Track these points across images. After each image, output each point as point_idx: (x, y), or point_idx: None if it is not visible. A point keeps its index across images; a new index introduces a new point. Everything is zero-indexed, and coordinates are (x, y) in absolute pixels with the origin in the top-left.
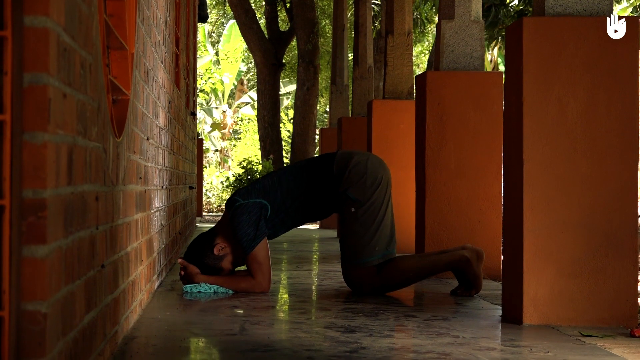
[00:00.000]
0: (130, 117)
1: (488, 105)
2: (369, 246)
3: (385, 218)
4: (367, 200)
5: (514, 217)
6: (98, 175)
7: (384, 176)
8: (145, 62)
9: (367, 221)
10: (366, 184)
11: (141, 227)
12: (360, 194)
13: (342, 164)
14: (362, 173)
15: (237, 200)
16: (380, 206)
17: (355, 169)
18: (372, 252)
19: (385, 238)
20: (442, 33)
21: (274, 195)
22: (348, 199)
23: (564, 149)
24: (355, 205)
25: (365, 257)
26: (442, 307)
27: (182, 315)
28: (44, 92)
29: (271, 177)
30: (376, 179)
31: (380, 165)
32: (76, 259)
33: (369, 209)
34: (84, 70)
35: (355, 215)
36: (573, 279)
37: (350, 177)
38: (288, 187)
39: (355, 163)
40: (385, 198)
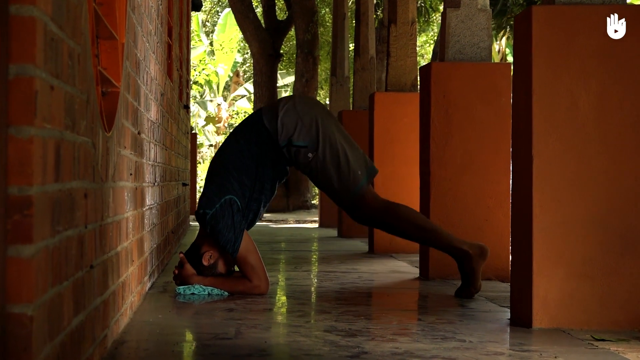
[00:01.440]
0: (121, 111)
1: (496, 98)
2: (351, 177)
3: (345, 143)
4: (318, 139)
5: (523, 216)
6: (87, 172)
7: (317, 109)
8: (137, 52)
9: (333, 158)
10: (305, 125)
11: (132, 225)
12: (306, 137)
13: (271, 117)
14: (295, 117)
15: (206, 213)
16: (335, 136)
17: (287, 116)
18: (357, 179)
19: (359, 159)
20: (447, 22)
21: (232, 185)
22: (297, 147)
23: (576, 143)
24: (309, 150)
25: (355, 187)
26: (447, 309)
27: (174, 318)
28: (31, 84)
29: (216, 171)
30: (313, 117)
31: (308, 101)
32: (64, 259)
33: (326, 146)
34: (72, 61)
35: (316, 159)
36: (585, 280)
37: (286, 126)
38: (238, 170)
39: (285, 111)
40: (332, 126)
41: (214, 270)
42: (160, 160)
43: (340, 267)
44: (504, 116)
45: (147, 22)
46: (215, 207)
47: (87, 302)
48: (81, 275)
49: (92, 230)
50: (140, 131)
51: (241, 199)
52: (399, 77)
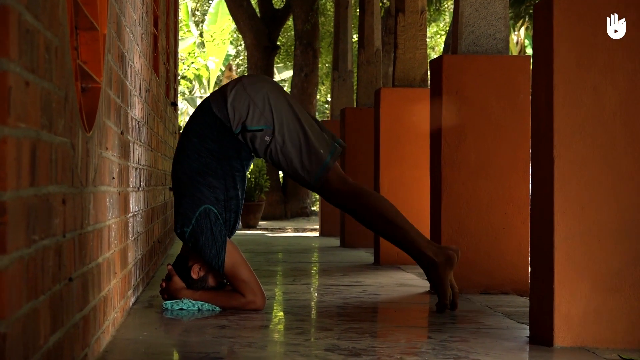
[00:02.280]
0: (102, 108)
1: (513, 94)
2: (313, 157)
3: (304, 121)
4: (274, 120)
5: (543, 223)
6: (65, 175)
7: (269, 87)
8: (119, 44)
9: (292, 138)
10: (258, 107)
11: (115, 234)
12: (260, 120)
13: (220, 103)
14: (247, 99)
15: (184, 232)
16: (292, 114)
17: (237, 100)
18: (320, 158)
19: (320, 136)
20: (460, 11)
21: (202, 193)
22: (253, 132)
23: (601, 144)
24: (265, 133)
25: (319, 168)
26: (460, 326)
27: (161, 336)
28: (4, 79)
29: (182, 183)
30: (265, 96)
31: (258, 80)
32: (40, 271)
33: (283, 126)
34: (49, 55)
35: (274, 142)
36: (612, 294)
37: (238, 111)
38: (202, 174)
39: (234, 94)
40: (288, 104)
41: (204, 284)
42: (146, 162)
43: (343, 279)
44: (522, 114)
45: (131, 11)
46: (192, 223)
47: (66, 319)
48: (59, 288)
49: (71, 240)
50: (123, 131)
51: (216, 205)
52: (407, 71)
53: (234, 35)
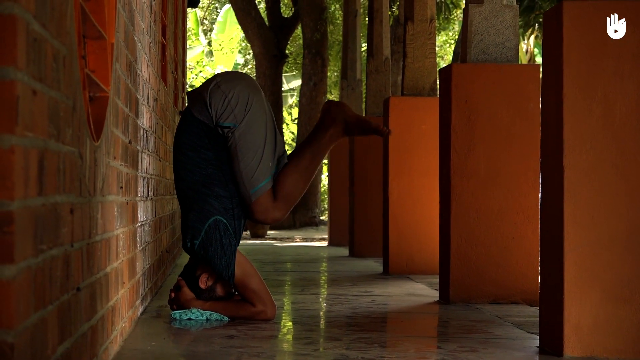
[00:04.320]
0: (110, 117)
1: (523, 103)
2: (263, 169)
3: (268, 130)
4: (242, 120)
5: (553, 233)
6: (73, 185)
7: (243, 85)
8: (127, 53)
9: (248, 143)
10: (231, 104)
11: (123, 244)
12: (230, 117)
13: (202, 108)
14: (221, 96)
15: (194, 244)
16: (261, 121)
17: (214, 98)
18: (266, 172)
19: (269, 157)
20: (470, 19)
21: (210, 205)
22: (222, 128)
23: (611, 153)
24: (231, 130)
25: (259, 183)
26: (470, 336)
27: (169, 346)
28: (12, 88)
29: (188, 197)
30: (237, 94)
31: (233, 77)
32: (48, 280)
33: (246, 129)
34: (56, 64)
35: (233, 138)
36: (623, 304)
37: (215, 109)
38: (207, 185)
39: (209, 95)
40: (261, 107)
41: (213, 294)
42: (154, 172)
43: (352, 289)
44: (532, 123)
45: (139, 20)
46: (202, 235)
47: (74, 329)
48: (67, 298)
49: (79, 249)
50: (131, 140)
51: (225, 215)
52: (416, 80)
53: (242, 44)
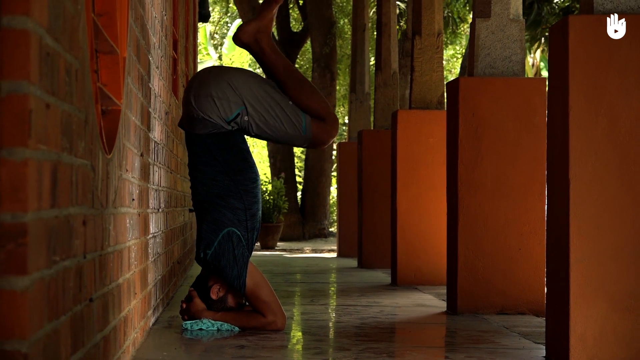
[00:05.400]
0: (122, 131)
1: (529, 116)
2: (292, 110)
3: (266, 87)
4: (243, 100)
5: (559, 244)
6: (85, 197)
7: (213, 73)
8: (139, 67)
9: (265, 106)
10: (223, 97)
11: (135, 255)
12: (232, 106)
13: (201, 124)
14: (207, 97)
15: (207, 254)
16: (251, 85)
17: (201, 104)
18: (297, 114)
19: (285, 98)
20: (476, 34)
21: (225, 216)
22: (234, 120)
23: (616, 165)
24: (242, 115)
25: (302, 124)
26: (477, 346)
27: (181, 357)
28: (25, 102)
29: (204, 208)
30: (218, 83)
31: (202, 75)
32: (61, 291)
33: (252, 99)
34: (69, 77)
35: (252, 117)
36: (627, 314)
37: (214, 113)
38: (222, 197)
39: (198, 107)
40: (242, 78)
41: (224, 304)
42: (165, 184)
43: (361, 300)
44: (538, 136)
45: (151, 35)
46: (215, 246)
47: (86, 339)
48: (79, 309)
49: (92, 261)
50: (143, 153)
51: (239, 227)
52: (424, 93)
53: (252, 59)
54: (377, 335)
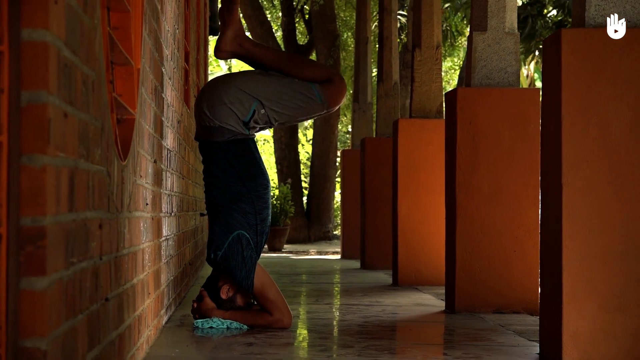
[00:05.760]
0: (136, 138)
1: (524, 124)
2: (303, 86)
3: (274, 79)
4: (253, 96)
5: (552, 247)
6: (102, 201)
7: (220, 80)
8: (153, 78)
9: (277, 91)
10: (235, 101)
11: (148, 257)
12: (246, 105)
13: (218, 132)
14: (219, 104)
15: (217, 255)
16: (260, 77)
17: (223, 114)
18: (309, 89)
19: (288, 80)
20: (473, 46)
21: (235, 219)
22: (252, 119)
23: (607, 172)
24: (258, 109)
25: (315, 95)
26: (474, 344)
27: (192, 353)
28: (44, 111)
29: (216, 211)
30: (232, 90)
31: (211, 85)
32: (78, 291)
33: (263, 91)
34: (86, 88)
35: (269, 108)
36: (617, 313)
37: (232, 118)
38: (234, 201)
39: (215, 117)
40: (248, 76)
41: (233, 304)
42: (177, 189)
43: (363, 299)
44: (532, 143)
45: (164, 47)
46: (224, 247)
47: (102, 336)
48: (96, 308)
49: (107, 262)
50: (156, 160)
51: (249, 230)
52: (423, 103)
53: None
54: (379, 333)
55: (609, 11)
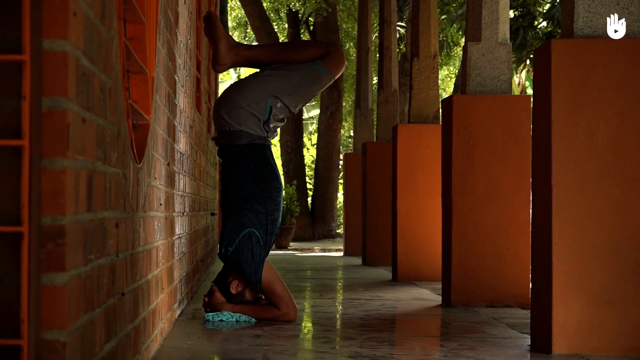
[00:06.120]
0: (151, 142)
1: (516, 129)
2: (307, 68)
3: (272, 73)
4: (267, 93)
5: (543, 244)
6: (118, 202)
7: (234, 86)
8: (166, 86)
9: (286, 81)
10: (252, 104)
11: (162, 254)
12: (262, 104)
13: (238, 135)
14: (242, 110)
15: (227, 250)
16: (267, 75)
17: (242, 118)
18: (315, 70)
19: (287, 69)
20: (468, 56)
21: (247, 218)
22: (272, 114)
23: (594, 174)
24: (274, 104)
25: (320, 71)
26: (469, 336)
27: (204, 345)
28: (63, 116)
29: (230, 209)
30: (248, 95)
31: (226, 95)
32: (96, 286)
33: (273, 84)
34: (103, 95)
35: (283, 99)
36: (603, 307)
37: (252, 121)
38: (248, 201)
39: (235, 121)
40: (261, 76)
41: (242, 298)
42: (189, 190)
43: (365, 294)
44: (524, 147)
45: (177, 57)
46: (235, 243)
47: (119, 329)
48: (113, 302)
49: (123, 259)
50: (169, 162)
51: (259, 229)
52: (421, 109)
53: None
54: (380, 325)
55: (596, 23)
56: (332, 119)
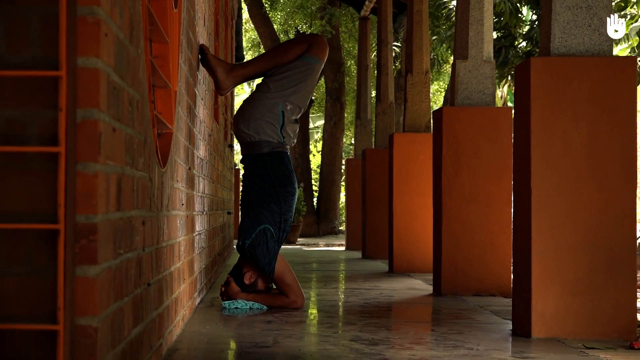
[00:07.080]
0: (174, 149)
1: (499, 137)
2: (302, 64)
3: (273, 71)
4: (277, 96)
5: (523, 240)
6: (144, 202)
7: (250, 101)
8: (187, 99)
9: (291, 80)
10: (266, 112)
11: (184, 249)
12: (276, 109)
13: (256, 145)
14: (259, 121)
15: (244, 243)
16: (270, 78)
17: (258, 127)
18: (308, 63)
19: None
20: (456, 72)
21: (264, 215)
22: (286, 118)
23: (569, 177)
24: (284, 108)
25: (304, 54)
26: (457, 322)
27: (220, 329)
28: (95, 126)
29: (249, 206)
30: (261, 106)
31: (247, 114)
32: (124, 277)
33: (279, 86)
34: (131, 107)
35: (291, 101)
36: (577, 296)
37: (269, 128)
38: (266, 201)
39: (254, 130)
40: (267, 84)
41: (255, 288)
42: (208, 192)
43: (364, 284)
44: (506, 153)
45: (197, 73)
46: (252, 237)
47: (145, 315)
48: (139, 292)
49: (149, 253)
50: (190, 167)
51: (274, 226)
52: (414, 119)
53: None
54: (377, 312)
55: (570, 42)
56: (335, 129)
